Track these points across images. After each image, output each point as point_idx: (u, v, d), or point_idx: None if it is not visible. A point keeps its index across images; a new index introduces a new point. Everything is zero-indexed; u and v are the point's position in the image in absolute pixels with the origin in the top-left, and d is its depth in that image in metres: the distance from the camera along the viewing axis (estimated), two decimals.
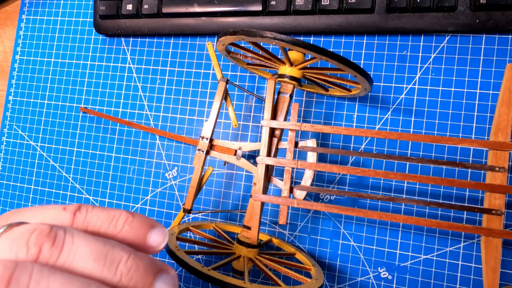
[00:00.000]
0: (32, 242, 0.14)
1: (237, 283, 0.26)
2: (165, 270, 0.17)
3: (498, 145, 0.28)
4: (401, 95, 0.36)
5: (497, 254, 0.28)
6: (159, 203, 0.42)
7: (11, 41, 0.49)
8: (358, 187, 0.37)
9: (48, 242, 0.15)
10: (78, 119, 0.45)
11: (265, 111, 0.32)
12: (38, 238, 0.15)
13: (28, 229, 0.15)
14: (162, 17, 0.41)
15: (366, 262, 0.36)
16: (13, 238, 0.15)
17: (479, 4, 0.33)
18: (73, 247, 0.15)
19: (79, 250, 0.15)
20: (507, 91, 0.29)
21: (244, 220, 0.33)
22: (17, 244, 0.14)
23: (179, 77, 0.42)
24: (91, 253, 0.15)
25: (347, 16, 0.36)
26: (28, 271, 0.13)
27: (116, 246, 0.16)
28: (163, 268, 0.17)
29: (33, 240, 0.14)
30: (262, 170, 0.31)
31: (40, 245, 0.15)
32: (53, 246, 0.15)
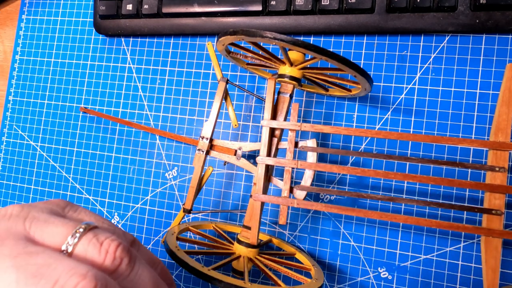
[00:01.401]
0: (118, 254, 0.16)
1: (237, 283, 0.26)
2: None
3: (498, 145, 0.28)
4: (401, 95, 0.36)
5: (497, 254, 0.28)
6: (159, 203, 0.42)
7: (11, 41, 0.49)
8: (358, 187, 0.37)
9: (127, 258, 0.17)
10: (78, 119, 0.45)
11: (265, 111, 0.32)
12: (122, 252, 0.17)
13: (114, 240, 0.17)
14: (162, 17, 0.41)
15: (366, 262, 0.36)
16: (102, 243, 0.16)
17: (479, 4, 0.33)
18: (140, 269, 0.17)
19: (143, 274, 0.17)
20: (507, 91, 0.29)
21: (244, 220, 0.33)
22: (105, 251, 0.16)
23: (179, 77, 0.42)
24: (150, 279, 0.17)
25: (347, 16, 0.36)
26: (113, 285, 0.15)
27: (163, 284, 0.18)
28: None
29: (118, 253, 0.16)
30: (262, 170, 0.31)
31: (122, 258, 0.17)
32: (129, 262, 0.17)
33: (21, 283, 0.14)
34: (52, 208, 0.18)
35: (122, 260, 0.17)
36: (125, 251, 0.17)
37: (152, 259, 0.20)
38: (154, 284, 0.18)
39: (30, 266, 0.14)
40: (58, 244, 0.16)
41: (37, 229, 0.16)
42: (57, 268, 0.14)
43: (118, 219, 0.43)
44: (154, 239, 0.42)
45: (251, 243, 0.32)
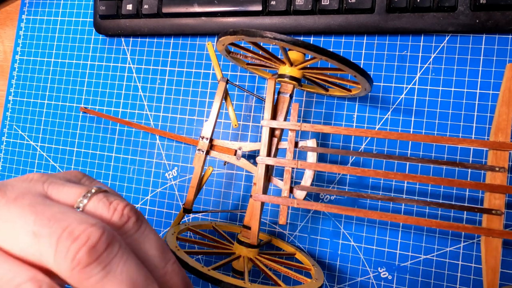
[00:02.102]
0: (126, 212, 0.18)
1: (237, 283, 0.26)
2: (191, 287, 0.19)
3: (498, 145, 0.28)
4: (401, 95, 0.36)
5: (497, 254, 0.28)
6: (159, 203, 0.42)
7: (11, 41, 0.49)
8: (358, 187, 0.37)
9: (134, 217, 0.18)
10: (78, 119, 0.45)
11: (265, 111, 0.32)
12: (130, 211, 0.18)
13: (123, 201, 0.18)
14: (162, 17, 0.41)
15: (366, 262, 0.36)
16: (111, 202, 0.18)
17: (479, 4, 0.33)
18: (146, 231, 0.18)
19: (150, 235, 0.18)
20: (507, 91, 0.29)
21: (244, 220, 0.33)
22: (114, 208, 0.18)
23: (179, 77, 0.42)
24: (157, 241, 0.18)
25: (347, 16, 0.36)
26: (119, 242, 0.16)
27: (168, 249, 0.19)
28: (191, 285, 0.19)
29: (126, 211, 0.18)
30: (262, 170, 0.31)
31: (129, 216, 0.18)
32: (136, 221, 0.18)
33: (38, 223, 0.16)
34: (69, 177, 0.20)
35: (129, 218, 0.18)
36: (133, 211, 0.18)
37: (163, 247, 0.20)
38: (160, 247, 0.18)
39: (47, 212, 0.16)
40: (71, 202, 0.18)
41: (53, 189, 0.18)
42: (70, 217, 0.16)
43: None
44: None
45: (251, 243, 0.32)
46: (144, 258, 0.18)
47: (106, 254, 0.15)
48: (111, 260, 0.16)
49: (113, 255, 0.16)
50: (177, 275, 0.18)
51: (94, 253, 0.15)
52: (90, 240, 0.15)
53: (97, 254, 0.15)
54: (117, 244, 0.16)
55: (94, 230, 0.15)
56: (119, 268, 0.16)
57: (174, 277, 0.18)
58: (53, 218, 0.16)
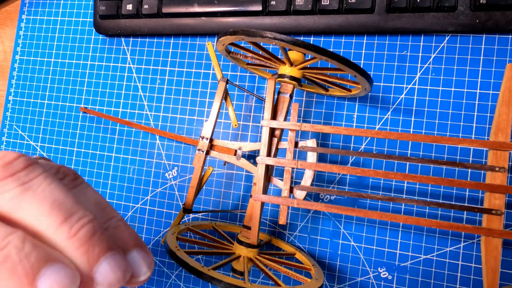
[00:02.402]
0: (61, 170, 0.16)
1: (237, 283, 0.26)
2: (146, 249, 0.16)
3: (498, 145, 0.28)
4: (401, 95, 0.36)
5: (497, 254, 0.28)
6: (159, 203, 0.42)
7: (11, 41, 0.49)
8: (358, 187, 0.37)
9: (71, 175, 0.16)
10: (78, 119, 0.45)
11: (265, 111, 0.32)
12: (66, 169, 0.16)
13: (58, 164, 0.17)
14: (162, 17, 0.41)
15: (366, 262, 0.36)
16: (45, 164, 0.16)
17: (479, 4, 0.33)
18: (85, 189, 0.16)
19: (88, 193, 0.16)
20: (507, 91, 0.29)
21: (244, 220, 0.33)
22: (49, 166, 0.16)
23: (179, 77, 0.42)
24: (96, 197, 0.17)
25: (347, 16, 0.36)
26: (43, 168, 0.15)
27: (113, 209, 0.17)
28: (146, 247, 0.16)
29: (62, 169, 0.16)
30: (262, 170, 0.31)
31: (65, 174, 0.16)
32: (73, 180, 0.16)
33: None
34: None
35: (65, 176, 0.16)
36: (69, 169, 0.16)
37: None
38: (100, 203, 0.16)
39: None
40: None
41: None
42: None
43: None
44: (154, 239, 0.42)
45: (251, 243, 0.32)
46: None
47: (25, 173, 0.14)
48: (31, 180, 0.14)
49: (33, 175, 0.14)
50: (122, 231, 0.16)
51: (9, 169, 0.14)
52: (5, 158, 0.14)
53: (12, 170, 0.14)
54: (40, 168, 0.14)
55: (10, 153, 0.14)
56: (41, 187, 0.14)
57: (118, 232, 0.16)
58: None
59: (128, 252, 0.15)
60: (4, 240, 0.12)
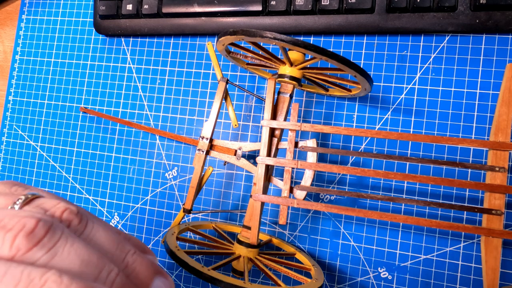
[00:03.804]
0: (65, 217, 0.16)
1: (237, 283, 0.26)
2: (165, 275, 0.17)
3: (498, 145, 0.28)
4: (401, 95, 0.36)
5: (497, 254, 0.28)
6: (159, 203, 0.42)
7: (11, 41, 0.49)
8: (358, 187, 0.37)
9: (76, 219, 0.16)
10: (78, 119, 0.45)
11: (265, 111, 0.32)
12: (69, 214, 0.16)
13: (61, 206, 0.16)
14: (162, 17, 0.41)
15: (366, 262, 0.36)
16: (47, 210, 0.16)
17: (479, 4, 0.33)
18: (94, 229, 0.16)
19: (98, 233, 0.16)
20: (507, 91, 0.29)
21: (244, 220, 0.33)
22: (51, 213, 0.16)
23: (179, 77, 0.42)
24: (108, 236, 0.17)
25: (347, 16, 0.36)
26: (61, 229, 0.15)
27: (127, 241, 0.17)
28: (163, 273, 0.17)
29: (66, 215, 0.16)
30: (262, 170, 0.31)
31: (70, 220, 0.16)
32: (79, 223, 0.16)
33: None
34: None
35: (70, 222, 0.16)
36: (73, 213, 0.16)
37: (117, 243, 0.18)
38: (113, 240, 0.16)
39: None
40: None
41: None
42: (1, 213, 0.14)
43: (118, 219, 0.43)
44: (154, 239, 0.42)
45: (251, 243, 0.32)
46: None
47: (48, 238, 0.14)
48: (55, 244, 0.14)
49: (56, 239, 0.14)
50: (140, 265, 0.17)
51: (33, 238, 0.14)
52: (26, 228, 0.14)
53: (36, 239, 0.14)
54: (59, 230, 0.15)
55: (28, 219, 0.14)
56: (66, 249, 0.14)
57: (138, 267, 0.16)
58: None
59: (151, 282, 0.17)
60: (43, 278, 0.13)
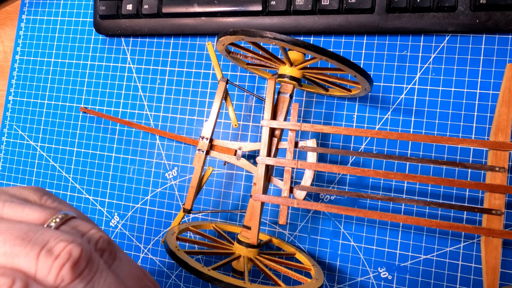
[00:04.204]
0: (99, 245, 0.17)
1: (237, 283, 0.26)
2: None
3: (498, 145, 0.28)
4: (401, 95, 0.36)
5: (497, 254, 0.28)
6: (159, 203, 0.42)
7: (11, 41, 0.49)
8: (358, 187, 0.37)
9: (108, 250, 0.17)
10: (78, 119, 0.45)
11: (265, 111, 0.32)
12: (103, 243, 0.17)
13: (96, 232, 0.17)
14: (162, 17, 0.41)
15: (366, 262, 0.36)
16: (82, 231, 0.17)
17: (479, 4, 0.33)
18: (121, 263, 0.17)
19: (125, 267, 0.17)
20: (507, 91, 0.29)
21: (244, 220, 0.33)
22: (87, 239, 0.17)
23: (179, 77, 0.42)
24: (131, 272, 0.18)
25: (347, 16, 0.36)
26: (97, 260, 0.16)
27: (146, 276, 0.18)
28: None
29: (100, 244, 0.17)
30: (262, 170, 0.31)
31: (103, 250, 0.17)
32: (110, 255, 0.17)
33: (8, 244, 0.14)
34: (28, 194, 0.18)
35: (103, 252, 0.17)
36: (106, 242, 0.17)
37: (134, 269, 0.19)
38: (137, 276, 0.18)
39: (15, 230, 0.15)
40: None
41: (11, 211, 0.16)
42: (45, 234, 0.15)
43: (118, 219, 0.43)
44: (154, 239, 0.42)
45: (251, 243, 0.32)
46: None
47: (88, 270, 0.15)
48: (93, 276, 0.15)
49: (94, 271, 0.15)
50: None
51: (77, 269, 0.15)
52: (72, 257, 0.15)
53: (79, 270, 0.15)
54: (96, 261, 0.16)
55: (74, 247, 0.15)
56: (101, 283, 0.15)
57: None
58: (26, 237, 0.15)
59: None
60: None
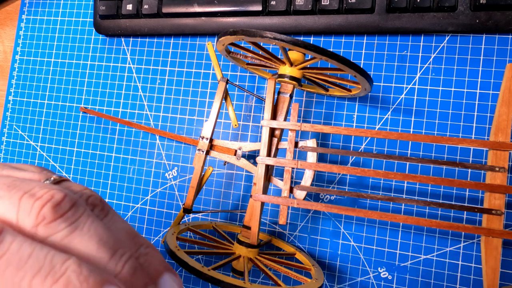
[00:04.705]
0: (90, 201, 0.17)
1: (237, 283, 0.26)
2: (175, 272, 0.18)
3: (498, 145, 0.28)
4: (401, 95, 0.36)
5: (497, 254, 0.28)
6: (159, 203, 0.42)
7: (11, 41, 0.49)
8: (358, 187, 0.37)
9: (99, 206, 0.17)
10: (78, 119, 0.45)
11: (265, 111, 0.32)
12: (95, 199, 0.17)
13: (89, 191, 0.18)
14: (162, 17, 0.41)
15: (366, 262, 0.36)
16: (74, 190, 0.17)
17: (479, 4, 0.33)
18: (113, 219, 0.17)
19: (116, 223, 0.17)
20: (507, 91, 0.29)
21: (244, 220, 0.33)
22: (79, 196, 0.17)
23: (179, 77, 0.42)
24: (124, 228, 0.17)
25: (347, 16, 0.36)
26: (84, 207, 0.16)
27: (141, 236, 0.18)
28: (174, 271, 0.18)
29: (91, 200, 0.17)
30: (262, 170, 0.31)
31: (95, 205, 0.17)
32: (101, 211, 0.17)
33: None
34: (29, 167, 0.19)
35: (95, 207, 0.17)
36: (98, 199, 0.17)
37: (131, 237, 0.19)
38: (129, 232, 0.17)
39: (4, 179, 0.16)
40: None
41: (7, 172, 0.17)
42: (31, 183, 0.15)
43: None
44: (154, 239, 0.42)
45: (251, 243, 0.32)
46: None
47: (72, 213, 0.15)
48: (78, 219, 0.15)
49: (78, 214, 0.15)
50: (152, 257, 0.17)
51: (59, 210, 0.15)
52: (54, 199, 0.15)
53: (62, 211, 0.15)
54: (82, 207, 0.16)
55: (57, 192, 0.15)
56: (86, 226, 0.15)
57: (150, 259, 0.17)
58: (12, 185, 0.15)
59: (160, 277, 0.17)
60: (63, 265, 0.14)
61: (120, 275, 0.15)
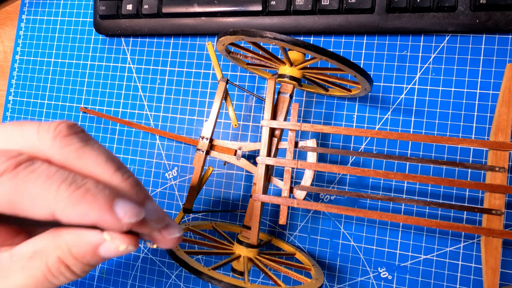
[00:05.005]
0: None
1: (237, 283, 0.26)
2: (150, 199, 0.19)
3: (498, 145, 0.28)
4: (401, 95, 0.36)
5: (497, 254, 0.28)
6: (159, 203, 0.42)
7: (11, 41, 0.49)
8: (358, 187, 0.37)
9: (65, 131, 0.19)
10: (78, 119, 0.45)
11: (265, 111, 0.32)
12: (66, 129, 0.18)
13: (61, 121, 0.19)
14: (162, 17, 0.41)
15: (366, 262, 0.36)
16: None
17: (479, 4, 0.33)
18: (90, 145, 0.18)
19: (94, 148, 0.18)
20: (507, 91, 0.29)
21: (244, 220, 0.33)
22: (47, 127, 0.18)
23: (179, 77, 0.42)
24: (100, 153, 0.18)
25: (347, 16, 0.36)
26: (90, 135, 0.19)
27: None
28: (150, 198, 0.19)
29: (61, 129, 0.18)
30: (262, 170, 0.31)
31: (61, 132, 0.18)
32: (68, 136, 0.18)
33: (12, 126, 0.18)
34: None
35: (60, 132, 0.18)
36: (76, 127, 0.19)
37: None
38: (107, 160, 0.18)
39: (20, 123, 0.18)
40: None
41: None
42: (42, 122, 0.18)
43: None
44: None
45: (251, 243, 0.32)
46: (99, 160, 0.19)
47: (83, 134, 0.18)
48: (88, 139, 0.18)
49: (88, 137, 0.18)
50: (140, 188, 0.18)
51: (73, 129, 0.18)
52: (67, 123, 0.18)
53: (75, 130, 0.18)
54: (88, 134, 0.18)
55: (67, 122, 0.18)
56: (96, 145, 0.18)
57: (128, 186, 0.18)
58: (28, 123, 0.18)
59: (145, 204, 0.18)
60: (83, 180, 0.16)
61: (126, 182, 0.17)
